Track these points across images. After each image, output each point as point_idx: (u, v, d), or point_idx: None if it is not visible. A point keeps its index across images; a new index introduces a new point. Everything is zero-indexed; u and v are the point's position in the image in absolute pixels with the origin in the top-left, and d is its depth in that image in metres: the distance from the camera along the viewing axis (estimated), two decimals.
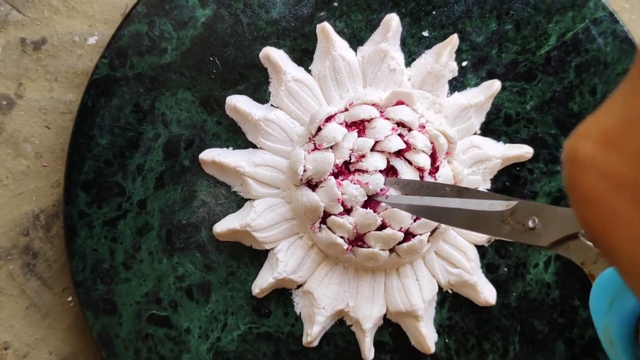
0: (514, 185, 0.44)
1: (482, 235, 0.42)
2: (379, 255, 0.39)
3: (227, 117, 0.43)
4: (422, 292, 0.42)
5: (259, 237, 0.41)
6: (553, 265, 0.44)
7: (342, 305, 0.42)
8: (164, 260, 0.43)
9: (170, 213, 0.43)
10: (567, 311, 0.44)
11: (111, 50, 0.42)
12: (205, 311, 0.43)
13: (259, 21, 0.43)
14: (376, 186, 0.39)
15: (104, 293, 0.42)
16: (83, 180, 0.42)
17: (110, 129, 0.42)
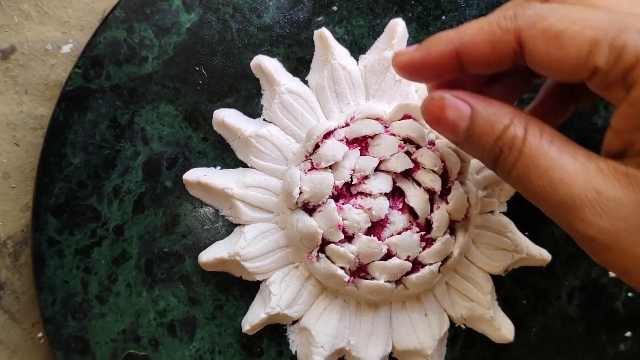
0: (533, 207, 0.41)
1: (498, 264, 0.40)
2: (384, 288, 0.37)
3: (214, 133, 0.40)
4: (432, 329, 0.39)
5: (250, 267, 0.38)
6: (577, 297, 0.41)
7: (342, 343, 0.39)
8: (143, 293, 0.39)
9: (150, 240, 0.39)
10: (593, 348, 0.41)
11: (85, 60, 0.39)
12: (190, 350, 0.39)
13: (250, 27, 0.40)
14: (380, 212, 0.36)
15: (76, 330, 0.39)
16: (53, 204, 0.39)
17: (84, 146, 0.39)
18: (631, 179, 0.25)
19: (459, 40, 0.29)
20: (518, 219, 0.41)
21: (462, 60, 0.29)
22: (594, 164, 0.26)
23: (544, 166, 0.26)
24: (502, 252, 0.40)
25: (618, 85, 0.25)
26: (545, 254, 0.40)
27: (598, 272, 0.41)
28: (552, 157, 0.26)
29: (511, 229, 0.40)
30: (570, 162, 0.26)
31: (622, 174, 0.25)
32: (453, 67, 0.29)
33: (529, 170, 0.26)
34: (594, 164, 0.26)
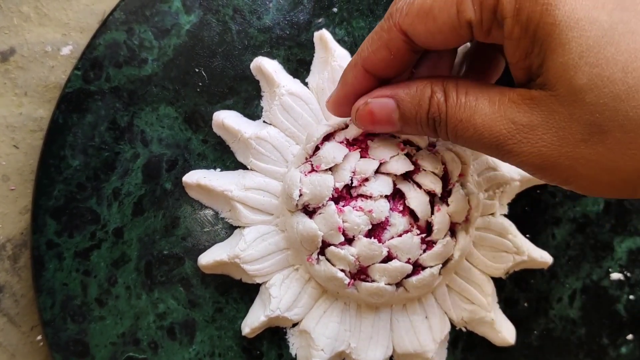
0: (534, 210, 0.41)
1: (499, 267, 0.39)
2: (384, 291, 0.36)
3: (214, 135, 0.40)
4: (433, 331, 0.39)
5: (250, 269, 0.38)
6: (579, 300, 0.41)
7: (342, 346, 0.39)
8: (142, 295, 0.39)
9: (150, 243, 0.39)
10: (594, 351, 0.41)
11: (85, 61, 0.39)
12: (189, 353, 0.39)
13: (250, 28, 0.40)
14: (381, 214, 0.36)
15: (75, 333, 0.38)
16: (52, 206, 0.38)
17: (83, 148, 0.39)
18: (536, 100, 0.27)
19: (361, 59, 0.31)
20: (519, 221, 0.41)
21: (374, 73, 0.31)
22: (506, 97, 0.28)
23: (466, 117, 0.28)
24: (503, 254, 0.39)
25: (494, 28, 0.27)
26: (547, 256, 0.40)
27: (599, 275, 0.41)
28: (470, 107, 0.28)
29: (512, 232, 0.40)
30: (487, 105, 0.28)
31: (529, 98, 0.27)
32: (372, 84, 0.32)
33: (457, 126, 0.29)
34: (506, 98, 0.28)
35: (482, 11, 0.27)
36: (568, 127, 0.26)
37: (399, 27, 0.29)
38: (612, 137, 0.25)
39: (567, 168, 0.26)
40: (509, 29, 0.27)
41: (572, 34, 0.25)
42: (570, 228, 0.41)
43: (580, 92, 0.25)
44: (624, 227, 0.41)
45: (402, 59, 0.31)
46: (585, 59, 0.25)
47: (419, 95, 0.30)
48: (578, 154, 0.26)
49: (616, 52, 0.25)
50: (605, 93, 0.25)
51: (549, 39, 0.25)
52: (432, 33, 0.28)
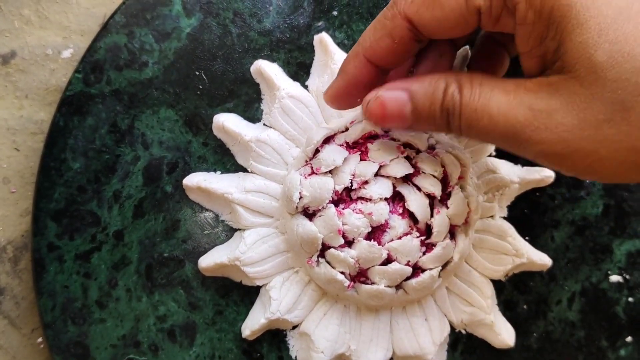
0: (533, 212, 0.41)
1: (499, 269, 0.39)
2: (384, 293, 0.36)
3: (214, 137, 0.40)
4: (433, 334, 0.39)
5: (250, 272, 0.38)
6: (578, 302, 0.41)
7: (342, 348, 0.38)
8: (143, 298, 0.39)
9: (150, 245, 0.39)
10: (593, 353, 0.41)
11: (86, 64, 0.39)
12: (190, 355, 0.39)
13: (251, 32, 0.40)
14: (380, 217, 0.35)
15: (76, 335, 0.38)
16: (53, 209, 0.38)
17: (84, 151, 0.39)
18: (554, 85, 0.26)
19: (363, 48, 0.31)
20: (518, 224, 0.41)
21: (376, 63, 0.31)
22: (522, 87, 0.27)
23: (481, 107, 0.28)
24: (502, 257, 0.39)
25: (504, 15, 0.27)
26: (546, 258, 0.40)
27: (598, 278, 0.41)
28: (486, 97, 0.28)
29: (511, 234, 0.40)
30: (502, 95, 0.27)
31: (547, 84, 0.26)
32: (373, 74, 0.31)
33: (472, 117, 0.28)
34: (522, 87, 0.27)
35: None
36: (590, 108, 0.25)
37: (404, 15, 0.29)
38: (636, 113, 0.25)
39: (590, 153, 0.26)
40: (522, 14, 0.26)
41: (589, 14, 0.25)
42: (569, 231, 0.41)
43: (602, 70, 0.25)
44: (623, 230, 0.41)
45: (406, 48, 0.30)
46: (605, 37, 0.25)
47: (433, 88, 0.29)
48: (601, 135, 0.25)
49: (634, 29, 0.24)
50: (627, 69, 0.24)
51: (566, 20, 0.25)
52: (438, 20, 0.28)
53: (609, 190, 0.41)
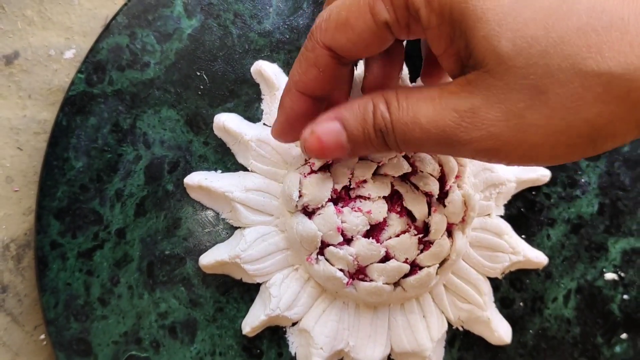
0: (529, 211, 0.41)
1: (496, 267, 0.40)
2: (382, 290, 0.37)
3: (215, 137, 0.40)
4: (430, 330, 0.39)
5: (250, 269, 0.38)
6: (573, 300, 0.41)
7: (341, 344, 0.39)
8: (144, 295, 0.39)
9: (152, 243, 0.39)
10: (589, 350, 0.42)
11: (88, 65, 0.39)
12: (191, 352, 0.39)
13: (251, 33, 0.40)
14: (379, 215, 0.36)
15: (78, 332, 0.39)
16: (56, 207, 0.39)
17: (86, 150, 0.39)
18: (473, 82, 0.26)
19: (294, 83, 0.31)
20: (515, 222, 0.41)
21: (309, 94, 0.31)
22: (446, 91, 0.27)
23: (411, 120, 0.28)
24: (499, 254, 0.40)
25: (412, 23, 0.27)
26: (542, 256, 0.41)
27: (594, 275, 0.42)
28: (413, 109, 0.28)
29: (508, 232, 0.40)
30: (429, 103, 0.27)
31: (467, 83, 0.26)
32: (310, 105, 0.31)
33: (404, 131, 0.28)
34: (445, 91, 0.27)
35: (395, 9, 0.27)
36: (508, 99, 0.25)
37: (322, 44, 0.29)
38: (552, 95, 0.24)
39: (520, 142, 0.26)
40: (425, 20, 0.26)
41: (486, 6, 0.25)
42: (565, 229, 0.42)
43: (509, 59, 0.25)
44: (618, 228, 0.42)
45: (333, 74, 0.30)
46: (505, 26, 0.25)
47: (362, 111, 0.29)
48: (526, 123, 0.25)
49: (533, 12, 0.24)
50: (533, 53, 0.24)
51: (466, 17, 0.25)
52: (354, 42, 0.28)
53: (604, 189, 0.42)
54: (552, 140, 0.25)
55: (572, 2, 0.24)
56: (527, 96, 0.25)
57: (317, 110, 0.32)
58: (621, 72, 0.23)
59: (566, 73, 0.24)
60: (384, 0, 0.27)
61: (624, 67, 0.23)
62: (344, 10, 0.28)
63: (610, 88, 0.24)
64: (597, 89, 0.24)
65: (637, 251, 0.42)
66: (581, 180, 0.42)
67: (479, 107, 0.26)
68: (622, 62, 0.23)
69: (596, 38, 0.24)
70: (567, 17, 0.24)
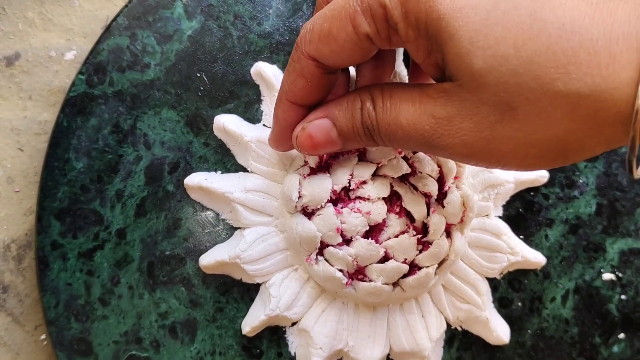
0: (527, 211, 0.42)
1: (494, 267, 0.40)
2: (381, 290, 0.37)
3: (215, 138, 0.40)
4: (429, 330, 0.39)
5: (250, 269, 0.38)
6: (571, 300, 0.41)
7: (340, 344, 0.39)
8: (145, 295, 0.39)
9: (152, 243, 0.40)
10: (587, 349, 0.42)
11: (89, 66, 0.39)
12: (191, 351, 0.39)
13: (251, 34, 0.41)
14: (378, 215, 0.36)
15: (79, 332, 0.39)
16: (57, 208, 0.39)
17: (87, 151, 0.39)
18: (448, 92, 0.26)
19: (284, 93, 0.32)
20: (513, 222, 0.41)
21: (299, 103, 0.32)
22: (425, 94, 0.28)
23: (393, 121, 0.28)
24: (497, 255, 0.40)
25: (393, 35, 0.27)
26: (540, 257, 0.41)
27: (592, 275, 0.42)
28: (395, 109, 0.28)
29: (506, 233, 0.40)
30: (410, 105, 0.28)
31: (443, 91, 0.27)
32: (302, 113, 0.32)
33: (388, 130, 0.29)
34: (425, 95, 0.28)
35: (375, 22, 0.27)
36: (480, 112, 0.26)
37: (307, 55, 0.30)
38: (522, 112, 0.25)
39: (493, 151, 0.26)
40: (403, 33, 0.27)
41: (457, 24, 0.25)
42: (563, 229, 0.42)
43: (481, 76, 0.25)
44: (616, 229, 0.42)
45: (320, 83, 0.31)
46: (477, 44, 0.25)
47: (351, 108, 0.30)
48: (497, 135, 0.26)
49: (504, 30, 0.25)
50: (503, 71, 0.25)
51: (440, 34, 0.26)
52: (337, 53, 0.29)
53: (601, 190, 0.42)
54: (522, 152, 0.26)
55: (542, 21, 0.24)
56: (498, 111, 0.25)
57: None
58: (588, 93, 0.24)
59: (535, 92, 0.24)
60: (364, 13, 0.27)
61: (591, 89, 0.24)
62: (327, 22, 0.29)
63: (578, 108, 0.24)
64: (565, 108, 0.24)
65: (635, 251, 0.42)
66: (579, 181, 0.42)
67: (454, 116, 0.26)
68: (589, 84, 0.24)
69: (565, 59, 0.24)
70: (537, 37, 0.24)
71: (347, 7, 0.28)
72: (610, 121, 0.24)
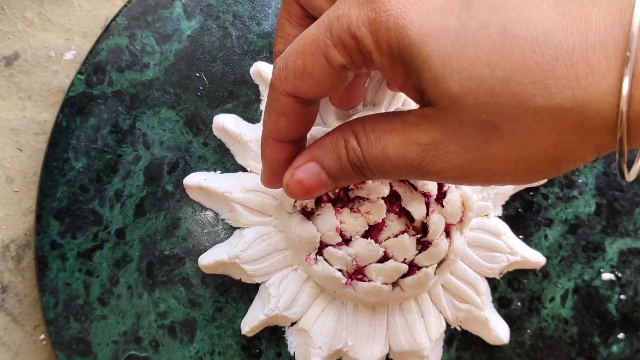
0: (527, 211, 0.42)
1: (494, 267, 0.40)
2: (380, 290, 0.37)
3: (214, 138, 0.40)
4: (428, 330, 0.39)
5: (249, 269, 0.38)
6: (571, 300, 0.41)
7: (340, 344, 0.39)
8: (144, 295, 0.39)
9: (151, 243, 0.40)
10: (586, 349, 0.42)
11: (88, 66, 0.39)
12: (190, 351, 0.39)
13: (250, 34, 0.41)
14: (378, 215, 0.36)
15: (78, 332, 0.39)
16: (56, 208, 0.39)
17: (86, 151, 0.39)
18: (430, 117, 0.26)
19: (268, 132, 0.31)
20: (512, 222, 0.41)
21: (286, 140, 0.31)
22: (407, 122, 0.27)
23: (380, 154, 0.28)
24: (497, 255, 0.40)
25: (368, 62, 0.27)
26: (540, 257, 0.41)
27: (591, 275, 0.42)
28: (381, 143, 0.28)
29: (506, 232, 0.40)
30: (394, 136, 0.27)
31: (425, 117, 0.26)
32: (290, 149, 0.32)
33: (377, 164, 0.28)
34: (407, 123, 0.27)
35: (349, 53, 0.27)
36: (465, 134, 0.25)
37: (285, 93, 0.29)
38: (506, 130, 0.24)
39: (483, 171, 0.26)
40: (378, 62, 0.26)
41: (429, 48, 0.24)
42: (562, 229, 0.42)
43: (460, 99, 0.24)
44: (615, 229, 0.42)
45: (303, 117, 0.30)
46: (450, 67, 0.24)
47: (335, 149, 0.29)
48: (486, 155, 0.25)
49: (476, 50, 0.24)
50: (482, 92, 0.24)
51: (413, 60, 0.25)
52: (316, 87, 0.28)
53: (601, 190, 0.42)
54: (513, 169, 0.25)
55: (514, 37, 0.24)
56: (482, 131, 0.25)
57: (302, 148, 0.32)
58: (570, 106, 0.23)
59: (516, 110, 0.24)
60: (336, 46, 0.27)
61: (572, 100, 0.23)
62: (299, 58, 0.28)
63: (563, 121, 0.24)
64: (549, 123, 0.24)
65: (634, 251, 0.42)
66: (578, 181, 0.42)
67: (439, 141, 0.26)
68: (570, 96, 0.23)
69: (541, 74, 0.23)
70: (510, 54, 0.24)
71: (318, 42, 0.27)
72: (597, 130, 0.23)
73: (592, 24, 0.23)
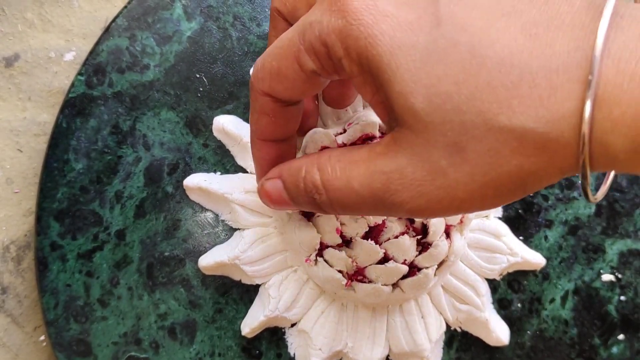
0: (527, 212, 0.42)
1: (494, 268, 0.40)
2: (381, 291, 0.37)
3: (214, 139, 0.40)
4: (428, 331, 0.39)
5: (249, 270, 0.38)
6: (571, 301, 0.41)
7: (340, 345, 0.39)
8: (144, 296, 0.39)
9: (151, 244, 0.40)
10: (586, 350, 0.42)
11: (88, 67, 0.39)
12: (190, 352, 0.39)
13: (250, 35, 0.41)
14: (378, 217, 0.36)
15: (78, 333, 0.39)
16: (56, 209, 0.39)
17: (86, 152, 0.39)
18: (397, 140, 0.26)
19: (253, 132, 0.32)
20: (512, 223, 0.41)
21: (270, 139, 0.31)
22: (373, 152, 0.27)
23: (344, 185, 0.27)
24: (497, 256, 0.40)
25: (340, 69, 0.27)
26: (540, 258, 0.41)
27: (591, 276, 0.42)
28: (345, 174, 0.27)
29: (506, 234, 0.40)
30: (361, 166, 0.27)
31: (392, 142, 0.26)
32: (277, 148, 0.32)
33: (339, 196, 0.28)
34: (373, 152, 0.27)
35: (319, 59, 0.27)
36: (430, 157, 0.25)
37: (262, 92, 0.29)
38: (471, 152, 0.24)
39: (451, 199, 0.25)
40: (347, 69, 0.26)
41: (398, 62, 0.24)
42: (562, 230, 0.42)
43: (426, 115, 0.24)
44: (615, 230, 0.42)
45: (284, 116, 0.30)
46: (419, 82, 0.24)
47: (296, 176, 0.29)
48: (452, 182, 0.25)
49: (445, 67, 0.24)
50: (447, 109, 0.24)
51: (382, 71, 0.25)
52: (290, 89, 0.28)
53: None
54: (479, 195, 0.25)
55: (481, 57, 0.24)
56: (447, 153, 0.24)
57: (289, 149, 0.33)
58: (533, 126, 0.23)
59: (480, 129, 0.24)
60: (307, 52, 0.27)
61: (535, 121, 0.23)
62: (275, 60, 0.28)
63: (526, 142, 0.23)
64: (513, 143, 0.24)
65: (634, 253, 0.42)
66: (578, 182, 0.42)
67: (405, 167, 0.25)
68: (532, 116, 0.23)
69: (506, 93, 0.23)
70: (477, 73, 0.24)
71: (292, 46, 0.27)
72: (561, 152, 0.23)
73: (556, 47, 0.23)
